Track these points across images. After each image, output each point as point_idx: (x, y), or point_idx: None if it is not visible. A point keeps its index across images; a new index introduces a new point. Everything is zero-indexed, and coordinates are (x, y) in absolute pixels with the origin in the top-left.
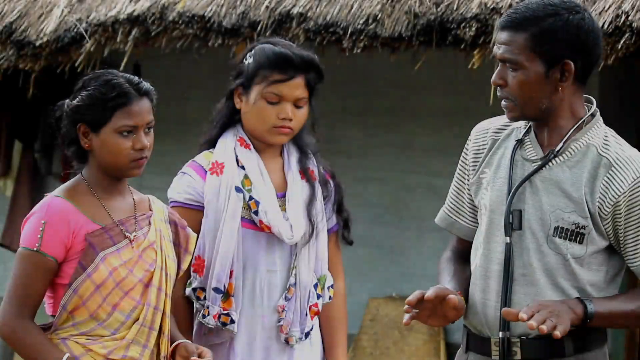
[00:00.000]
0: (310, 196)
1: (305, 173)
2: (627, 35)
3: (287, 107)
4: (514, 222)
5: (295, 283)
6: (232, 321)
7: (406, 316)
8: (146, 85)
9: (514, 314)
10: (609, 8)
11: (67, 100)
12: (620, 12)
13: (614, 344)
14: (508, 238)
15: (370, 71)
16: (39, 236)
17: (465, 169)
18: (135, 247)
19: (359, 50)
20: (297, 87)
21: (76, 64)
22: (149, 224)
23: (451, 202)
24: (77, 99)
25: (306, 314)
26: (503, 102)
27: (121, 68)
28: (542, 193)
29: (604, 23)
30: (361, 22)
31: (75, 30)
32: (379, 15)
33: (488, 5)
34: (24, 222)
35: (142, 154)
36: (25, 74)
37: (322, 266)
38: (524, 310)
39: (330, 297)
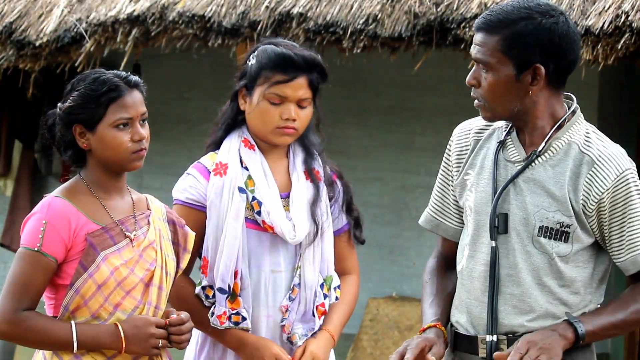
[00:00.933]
0: (314, 196)
1: (310, 173)
2: (627, 35)
3: (290, 107)
4: (499, 226)
5: (299, 283)
6: (244, 318)
7: None
8: (135, 77)
9: (504, 358)
10: (609, 8)
11: (59, 105)
12: (620, 12)
13: (614, 344)
14: (494, 242)
15: (370, 71)
16: (40, 236)
17: (448, 170)
18: (135, 246)
19: (359, 50)
20: (299, 87)
21: (76, 64)
22: (148, 223)
23: (435, 204)
24: (69, 100)
25: (313, 314)
26: (475, 102)
27: (121, 68)
28: (525, 193)
29: (604, 23)
30: (361, 22)
31: (75, 30)
32: (379, 15)
33: (488, 5)
34: (24, 222)
35: (141, 145)
36: (25, 74)
37: (329, 266)
38: (512, 354)
39: (336, 297)
